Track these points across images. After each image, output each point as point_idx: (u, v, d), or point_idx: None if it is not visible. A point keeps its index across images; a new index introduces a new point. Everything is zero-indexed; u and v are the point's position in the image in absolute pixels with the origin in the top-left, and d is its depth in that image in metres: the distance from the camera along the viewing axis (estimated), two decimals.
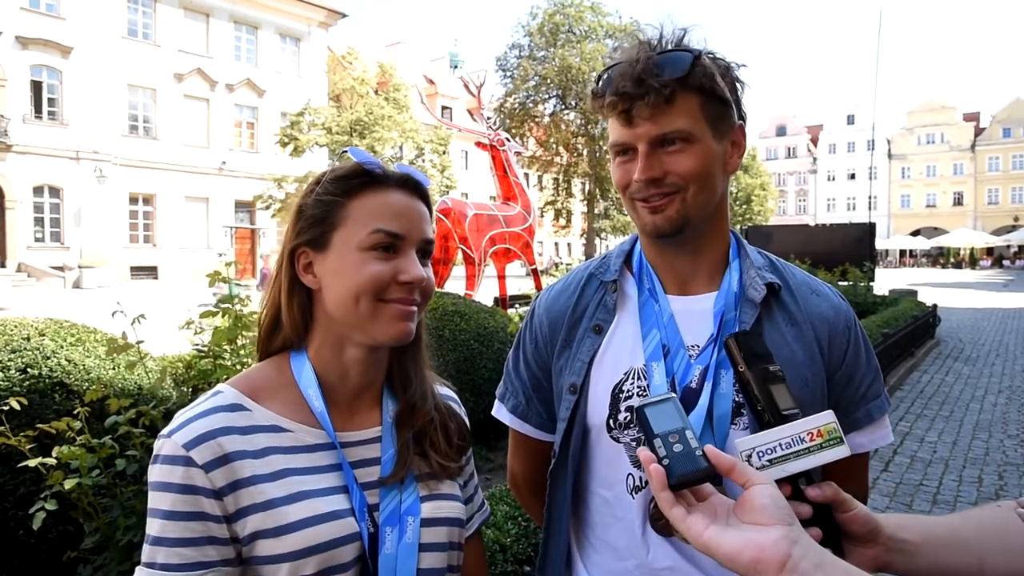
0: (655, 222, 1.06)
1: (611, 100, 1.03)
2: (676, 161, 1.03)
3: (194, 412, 0.92)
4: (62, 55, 27.20)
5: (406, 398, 1.05)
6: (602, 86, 1.05)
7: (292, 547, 0.87)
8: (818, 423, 0.80)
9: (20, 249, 26.52)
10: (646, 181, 1.03)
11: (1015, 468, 5.70)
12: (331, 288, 0.96)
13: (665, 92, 0.99)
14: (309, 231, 0.97)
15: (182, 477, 0.86)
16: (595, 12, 40.07)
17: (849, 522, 0.80)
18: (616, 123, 1.06)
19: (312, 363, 0.99)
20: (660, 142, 1.03)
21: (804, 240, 19.11)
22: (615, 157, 1.09)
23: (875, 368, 1.16)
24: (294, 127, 28.04)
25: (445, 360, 4.88)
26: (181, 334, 3.75)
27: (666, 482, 0.70)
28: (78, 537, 2.36)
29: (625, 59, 1.03)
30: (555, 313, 1.22)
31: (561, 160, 42.44)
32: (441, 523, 1.00)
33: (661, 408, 0.76)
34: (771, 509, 0.67)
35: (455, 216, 9.88)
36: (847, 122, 70.22)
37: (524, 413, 1.26)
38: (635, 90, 1.00)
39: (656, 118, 1.01)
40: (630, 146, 1.05)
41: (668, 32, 1.05)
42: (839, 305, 1.15)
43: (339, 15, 37.22)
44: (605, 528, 1.14)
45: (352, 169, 0.98)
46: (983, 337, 13.79)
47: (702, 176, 1.04)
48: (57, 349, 2.87)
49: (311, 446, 0.95)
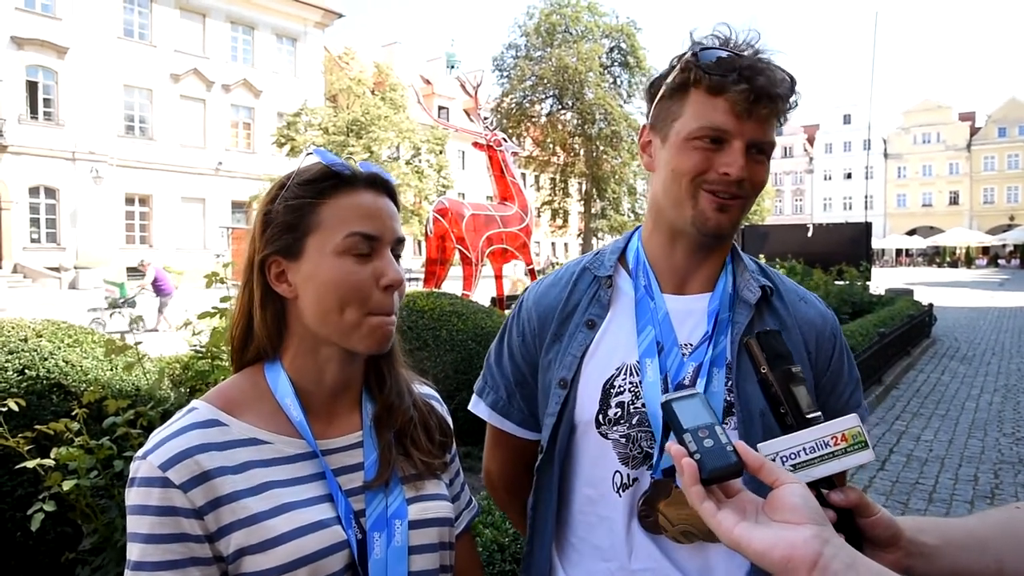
0: (719, 220, 1.05)
1: (743, 88, 0.99)
2: (757, 171, 1.05)
3: (169, 431, 0.90)
4: (58, 55, 27.11)
5: (383, 398, 1.03)
6: (722, 65, 1.00)
7: (279, 560, 0.86)
8: (843, 427, 0.78)
9: (16, 250, 26.43)
10: (738, 179, 1.02)
11: (1011, 466, 5.72)
12: (310, 296, 0.94)
13: (780, 106, 1.03)
14: (280, 239, 0.94)
15: (160, 499, 0.84)
16: (592, 12, 40.07)
17: (871, 527, 0.79)
18: (722, 107, 1.01)
19: (287, 372, 0.97)
20: (755, 146, 1.04)
21: (801, 240, 19.16)
22: (696, 140, 1.03)
23: (856, 378, 1.17)
24: (291, 127, 27.98)
25: (442, 360, 4.89)
26: (177, 335, 3.75)
27: (698, 476, 0.69)
28: (76, 538, 2.37)
29: (752, 52, 1.03)
30: (545, 306, 1.20)
31: (558, 160, 42.42)
32: (430, 524, 0.99)
33: (689, 403, 0.75)
34: (802, 508, 0.67)
35: (452, 216, 9.88)
36: (843, 122, 70.32)
37: (505, 409, 1.24)
38: (771, 90, 1.00)
39: (765, 124, 1.03)
40: (730, 137, 1.02)
41: (756, 38, 1.05)
42: (825, 313, 1.17)
43: (335, 15, 37.18)
44: (588, 528, 1.12)
45: (321, 171, 0.95)
46: (979, 336, 13.83)
47: (761, 191, 1.10)
48: (55, 350, 2.87)
49: (292, 456, 0.93)
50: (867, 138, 52.05)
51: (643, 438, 1.08)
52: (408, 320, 5.07)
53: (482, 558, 2.39)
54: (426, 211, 21.77)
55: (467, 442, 5.03)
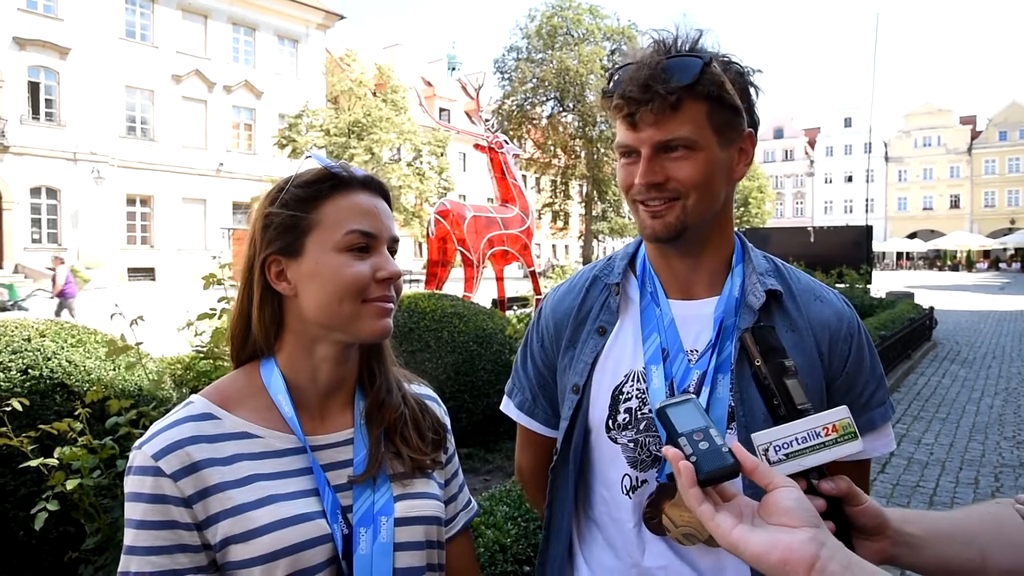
0: (654, 227, 1.07)
1: (617, 103, 1.03)
2: (678, 167, 1.03)
3: (165, 423, 0.94)
4: (60, 56, 27.15)
5: (373, 393, 1.06)
6: (611, 87, 1.05)
7: (261, 551, 0.88)
8: (833, 418, 0.81)
9: (17, 250, 26.44)
10: (646, 185, 1.04)
11: (1011, 470, 5.72)
12: (310, 292, 0.97)
13: (671, 99, 0.99)
14: (280, 239, 0.98)
15: (151, 487, 0.88)
16: (593, 15, 40.13)
17: (859, 516, 0.82)
18: (622, 125, 1.06)
19: (281, 369, 1.01)
20: (663, 147, 1.02)
21: (802, 243, 19.16)
22: (620, 158, 1.09)
23: (879, 375, 1.14)
24: (292, 129, 28.03)
25: (444, 362, 4.88)
26: (179, 335, 3.76)
27: (695, 478, 0.70)
28: (79, 538, 2.37)
29: (635, 61, 1.03)
30: (560, 313, 1.23)
31: (559, 162, 42.46)
32: (416, 522, 1.01)
33: (683, 408, 0.78)
34: (797, 511, 0.68)
35: (453, 218, 9.87)
36: (844, 125, 70.34)
37: (531, 409, 1.28)
38: (641, 95, 1.00)
39: (660, 124, 1.01)
40: (634, 149, 1.05)
41: (683, 33, 1.03)
42: (842, 311, 1.13)
43: (337, 17, 37.23)
44: (603, 526, 1.15)
45: (319, 174, 0.99)
46: (979, 339, 13.82)
47: (703, 184, 1.04)
48: (58, 350, 2.88)
49: (280, 451, 0.96)
50: (868, 141, 51.96)
51: (651, 442, 1.10)
52: (409, 322, 5.07)
53: (484, 559, 2.40)
54: (427, 213, 21.79)
55: (470, 444, 5.04)
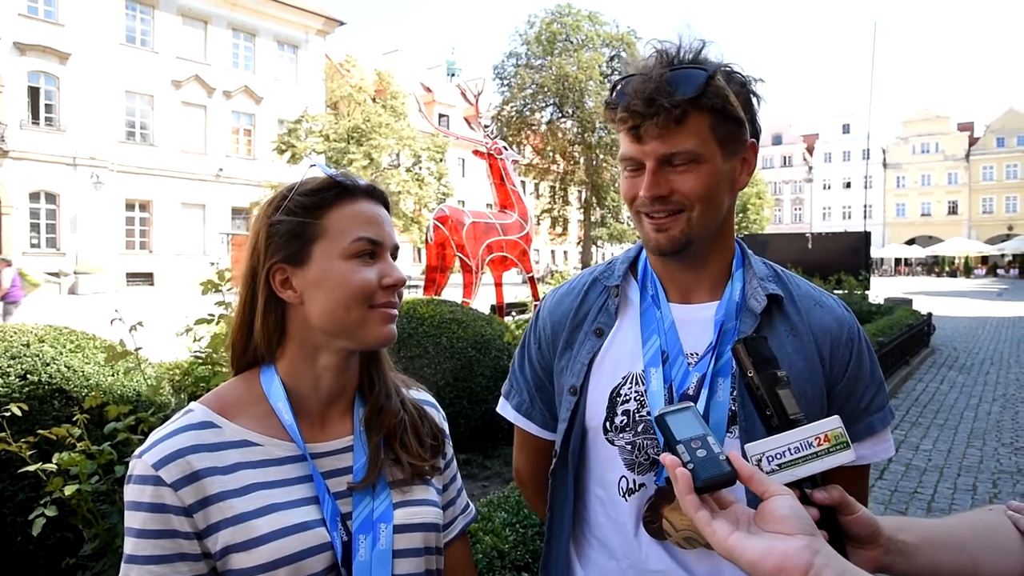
0: (658, 240, 1.07)
1: (622, 116, 1.03)
2: (683, 180, 1.03)
3: (165, 432, 0.94)
4: (60, 61, 27.18)
5: (372, 399, 1.06)
6: (615, 99, 1.05)
7: (262, 560, 0.88)
8: (825, 428, 0.81)
9: (16, 255, 26.39)
10: (651, 198, 1.04)
11: (1009, 476, 5.72)
12: (317, 299, 0.97)
13: (676, 112, 0.99)
14: (285, 247, 0.98)
15: (152, 496, 0.89)
16: (592, 21, 40.26)
17: (852, 524, 0.82)
18: (626, 137, 1.05)
19: (282, 376, 1.00)
20: (668, 160, 1.03)
21: (800, 249, 19.18)
22: (624, 170, 1.09)
23: (879, 380, 1.14)
24: (291, 134, 28.04)
25: (442, 368, 4.87)
26: (177, 341, 3.76)
27: (691, 485, 0.71)
28: (77, 543, 2.36)
29: (640, 72, 1.02)
30: (558, 315, 1.24)
31: (558, 168, 42.49)
32: (415, 529, 1.01)
33: (681, 416, 0.78)
34: (792, 519, 0.69)
35: (452, 224, 9.88)
36: (842, 131, 70.51)
37: (528, 411, 1.28)
38: (646, 109, 0.99)
39: (665, 137, 1.01)
40: (639, 161, 1.05)
41: (686, 43, 1.03)
42: (842, 316, 1.13)
43: (337, 23, 37.32)
44: (600, 527, 1.16)
45: (324, 182, 1.00)
46: (978, 346, 13.83)
47: (708, 196, 1.04)
48: (56, 355, 2.88)
49: (280, 459, 0.96)
50: (866, 148, 52.13)
51: (649, 445, 1.10)
52: (408, 327, 5.07)
53: (481, 565, 2.40)
54: (426, 219, 21.78)
55: (468, 449, 5.04)
